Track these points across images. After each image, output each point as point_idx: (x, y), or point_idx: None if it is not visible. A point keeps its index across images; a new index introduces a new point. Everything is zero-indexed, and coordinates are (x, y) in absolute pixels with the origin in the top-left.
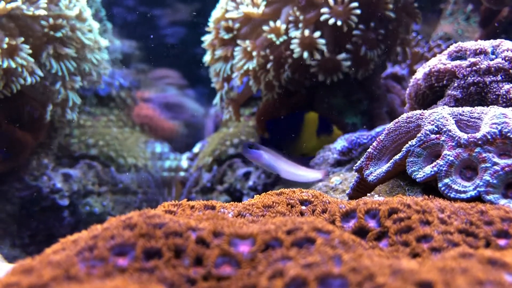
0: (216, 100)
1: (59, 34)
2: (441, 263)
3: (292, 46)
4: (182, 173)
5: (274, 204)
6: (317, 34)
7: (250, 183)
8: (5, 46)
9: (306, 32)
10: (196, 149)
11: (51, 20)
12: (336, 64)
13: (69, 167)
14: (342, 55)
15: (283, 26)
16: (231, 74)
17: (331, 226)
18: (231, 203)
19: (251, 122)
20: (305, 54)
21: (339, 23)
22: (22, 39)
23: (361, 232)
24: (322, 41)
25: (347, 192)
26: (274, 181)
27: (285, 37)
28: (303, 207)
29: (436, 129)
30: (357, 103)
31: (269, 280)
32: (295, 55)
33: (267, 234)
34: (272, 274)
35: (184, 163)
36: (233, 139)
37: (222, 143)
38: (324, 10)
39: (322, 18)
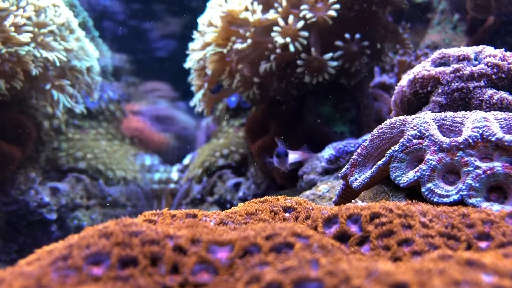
0: (195, 101)
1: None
2: (418, 265)
3: (272, 34)
4: (172, 185)
5: (257, 211)
6: (300, 24)
7: (240, 194)
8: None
9: (290, 19)
10: (186, 160)
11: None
12: (323, 64)
13: (57, 181)
14: (329, 55)
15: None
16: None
17: (311, 231)
18: (214, 211)
19: (241, 133)
20: (291, 47)
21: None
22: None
23: (343, 237)
24: (305, 33)
25: (333, 199)
26: (264, 191)
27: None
28: (287, 214)
29: (419, 134)
30: (345, 111)
31: (245, 286)
32: (278, 43)
33: (245, 240)
34: (248, 279)
35: (175, 175)
36: (223, 150)
37: (212, 154)
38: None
39: (302, 14)
